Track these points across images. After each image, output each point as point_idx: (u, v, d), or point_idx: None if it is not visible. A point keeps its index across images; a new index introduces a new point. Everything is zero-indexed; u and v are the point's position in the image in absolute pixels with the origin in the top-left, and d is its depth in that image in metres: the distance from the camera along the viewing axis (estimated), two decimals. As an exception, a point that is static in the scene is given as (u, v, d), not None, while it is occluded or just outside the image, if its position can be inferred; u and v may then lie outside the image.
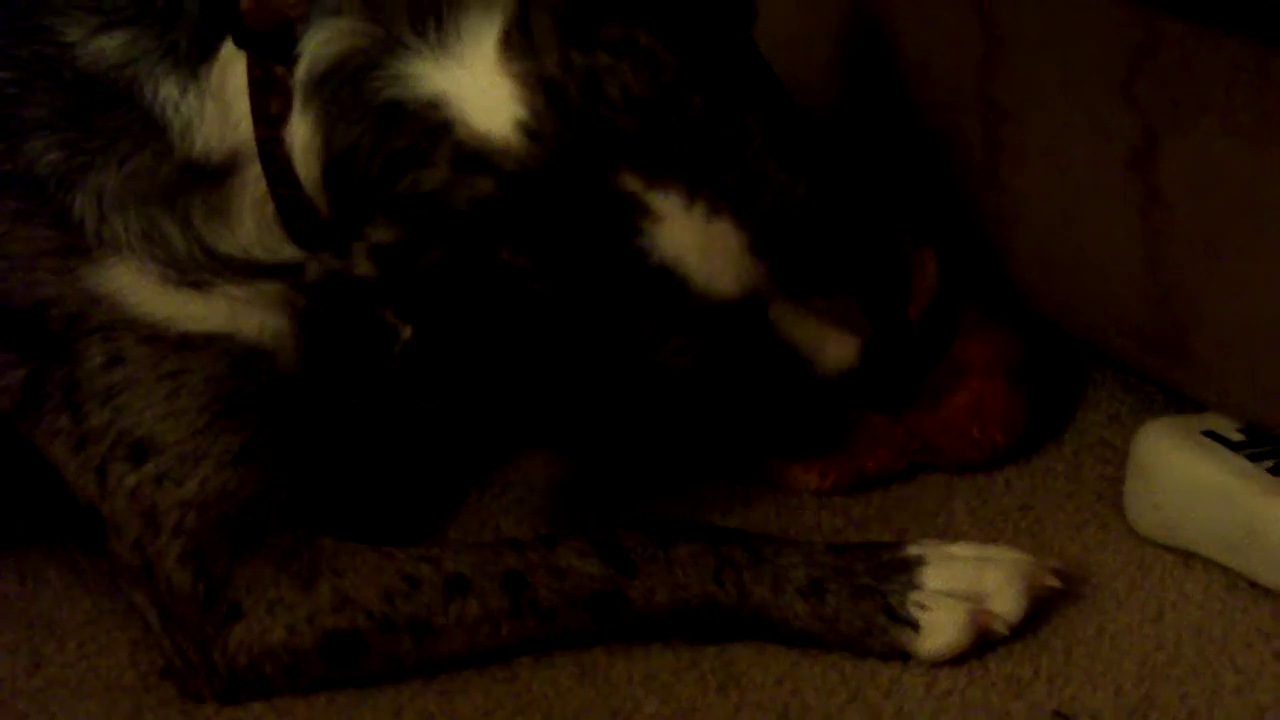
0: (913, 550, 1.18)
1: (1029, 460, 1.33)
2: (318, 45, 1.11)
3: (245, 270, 1.17)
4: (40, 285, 1.16)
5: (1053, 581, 1.19)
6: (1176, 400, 1.29)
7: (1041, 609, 1.19)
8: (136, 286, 1.16)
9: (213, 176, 1.16)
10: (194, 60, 1.15)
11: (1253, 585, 1.21)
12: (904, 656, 1.17)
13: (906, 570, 1.17)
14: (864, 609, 1.16)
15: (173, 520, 1.16)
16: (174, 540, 1.16)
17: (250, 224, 1.17)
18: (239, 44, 1.13)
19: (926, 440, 1.30)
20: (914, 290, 1.27)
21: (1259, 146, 1.14)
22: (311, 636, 1.15)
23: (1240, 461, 1.21)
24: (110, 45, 1.15)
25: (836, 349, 1.16)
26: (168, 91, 1.15)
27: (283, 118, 1.13)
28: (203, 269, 1.17)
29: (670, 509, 1.28)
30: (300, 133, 1.12)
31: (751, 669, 1.18)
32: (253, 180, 1.15)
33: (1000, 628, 1.17)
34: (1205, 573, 1.23)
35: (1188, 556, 1.24)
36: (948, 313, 1.29)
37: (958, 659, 1.17)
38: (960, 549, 1.19)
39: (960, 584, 1.17)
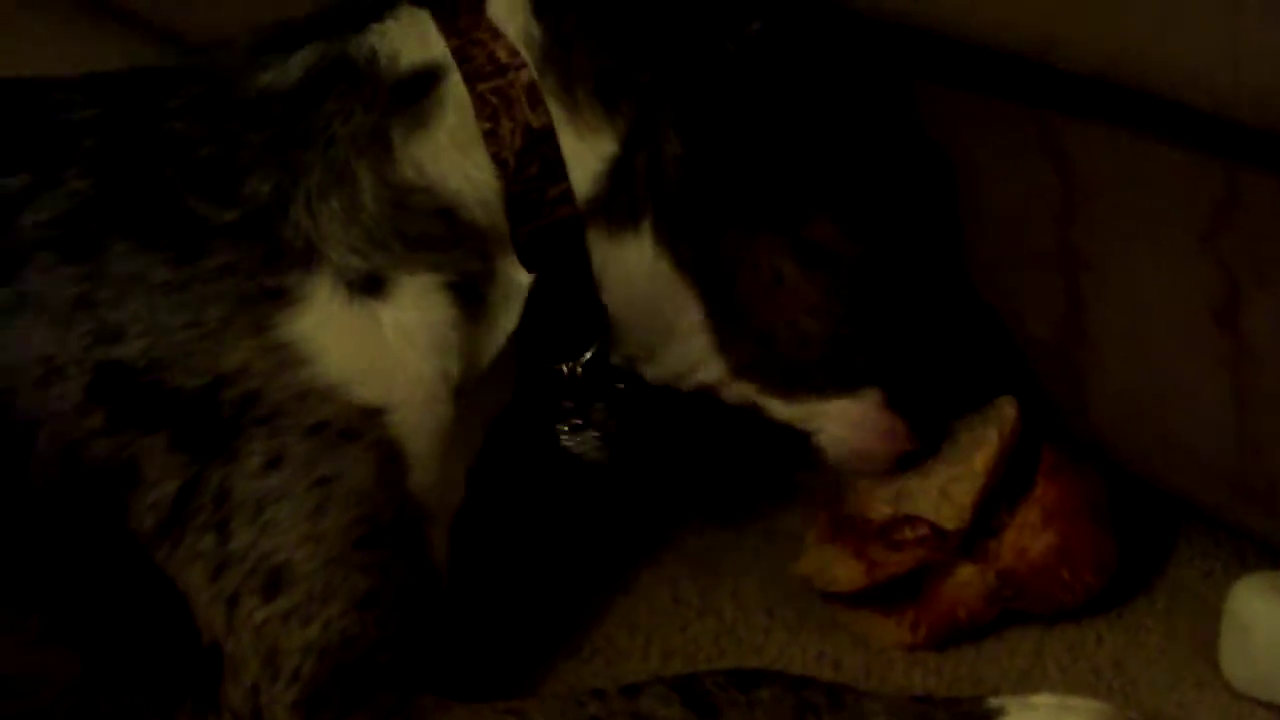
0: (993, 701, 1.18)
1: (1121, 616, 1.31)
2: None
3: (422, 223, 1.19)
4: (226, 353, 1.16)
5: None
6: (1271, 553, 1.28)
7: (1136, 769, 1.18)
8: (325, 322, 1.17)
9: (415, 90, 1.20)
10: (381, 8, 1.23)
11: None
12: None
13: (987, 719, 1.16)
14: None
15: (292, 665, 1.15)
16: (290, 688, 1.15)
17: (450, 122, 1.20)
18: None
19: (1017, 586, 1.29)
20: (997, 436, 1.28)
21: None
22: None
23: (1337, 617, 1.19)
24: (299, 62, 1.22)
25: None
26: (370, 40, 1.21)
27: (474, 21, 1.21)
28: (385, 237, 1.18)
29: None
30: None
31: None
32: (453, 84, 1.20)
33: None
34: (1305, 731, 1.21)
35: (1287, 715, 1.22)
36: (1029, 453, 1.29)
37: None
38: (1041, 698, 1.18)
39: None
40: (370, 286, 1.18)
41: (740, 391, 1.27)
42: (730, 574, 1.38)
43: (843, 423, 1.27)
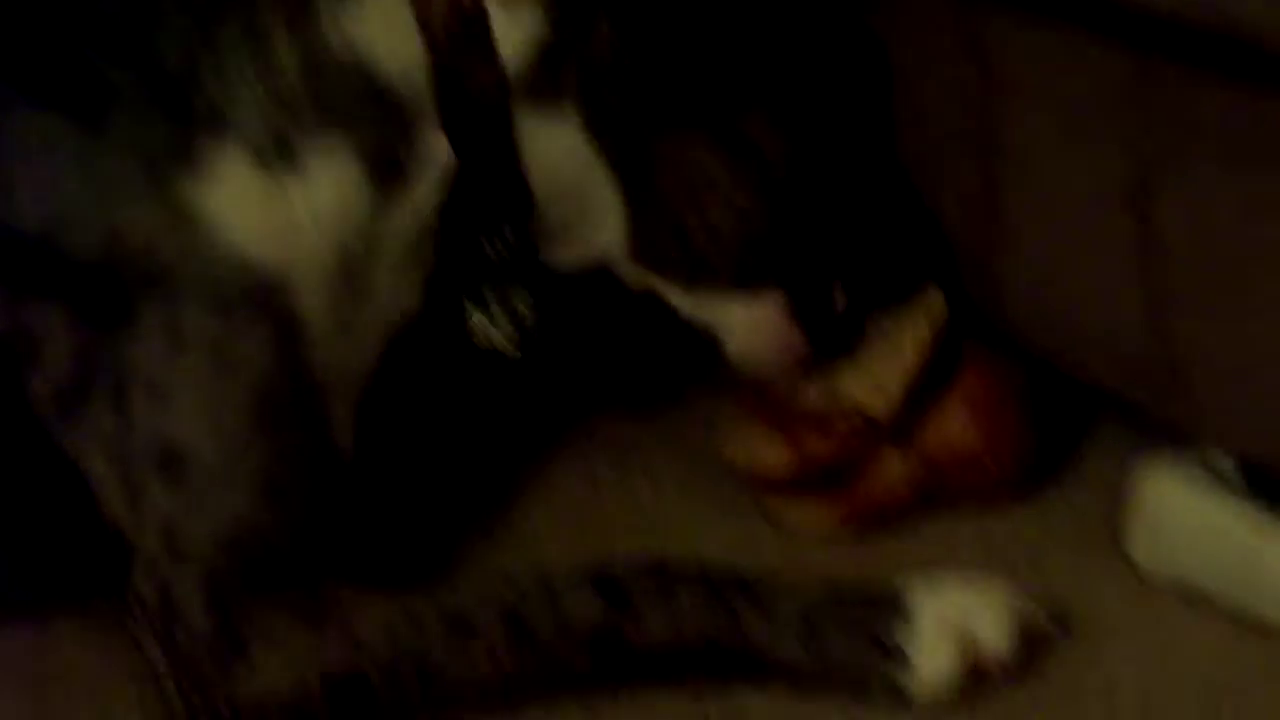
0: (903, 587, 1.19)
1: (1034, 504, 1.33)
2: None
3: (342, 92, 1.17)
4: (121, 211, 1.14)
5: (1043, 617, 1.19)
6: (1184, 441, 1.29)
7: (1043, 653, 1.19)
8: (228, 188, 1.14)
9: None
10: None
11: (1258, 628, 1.20)
12: (901, 694, 1.17)
13: (898, 607, 1.18)
14: (857, 645, 1.17)
15: (198, 557, 1.14)
16: (197, 580, 1.14)
17: None
18: None
19: (940, 473, 1.31)
20: (927, 326, 1.30)
21: (1255, 187, 1.13)
22: (319, 683, 1.15)
23: (1238, 499, 1.20)
24: None
25: None
26: None
27: None
28: (300, 105, 1.16)
29: (674, 551, 1.28)
30: None
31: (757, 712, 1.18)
32: None
33: (991, 659, 1.17)
34: (1210, 615, 1.21)
35: (1192, 598, 1.22)
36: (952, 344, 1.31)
37: (957, 703, 1.16)
38: (950, 585, 1.19)
39: (950, 619, 1.17)
40: (281, 155, 1.16)
41: (642, 276, 1.28)
42: (647, 457, 1.40)
43: (742, 323, 1.27)
